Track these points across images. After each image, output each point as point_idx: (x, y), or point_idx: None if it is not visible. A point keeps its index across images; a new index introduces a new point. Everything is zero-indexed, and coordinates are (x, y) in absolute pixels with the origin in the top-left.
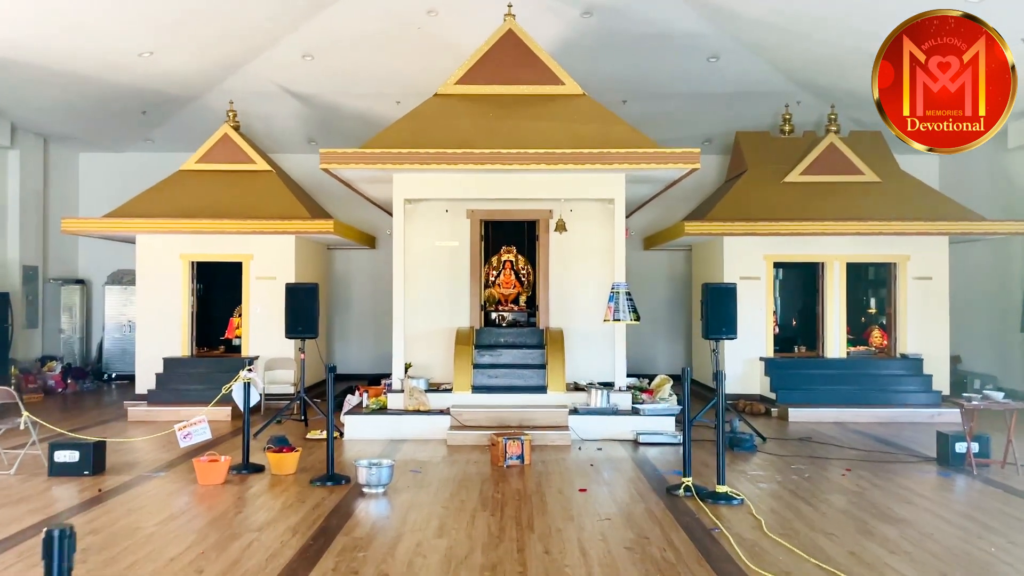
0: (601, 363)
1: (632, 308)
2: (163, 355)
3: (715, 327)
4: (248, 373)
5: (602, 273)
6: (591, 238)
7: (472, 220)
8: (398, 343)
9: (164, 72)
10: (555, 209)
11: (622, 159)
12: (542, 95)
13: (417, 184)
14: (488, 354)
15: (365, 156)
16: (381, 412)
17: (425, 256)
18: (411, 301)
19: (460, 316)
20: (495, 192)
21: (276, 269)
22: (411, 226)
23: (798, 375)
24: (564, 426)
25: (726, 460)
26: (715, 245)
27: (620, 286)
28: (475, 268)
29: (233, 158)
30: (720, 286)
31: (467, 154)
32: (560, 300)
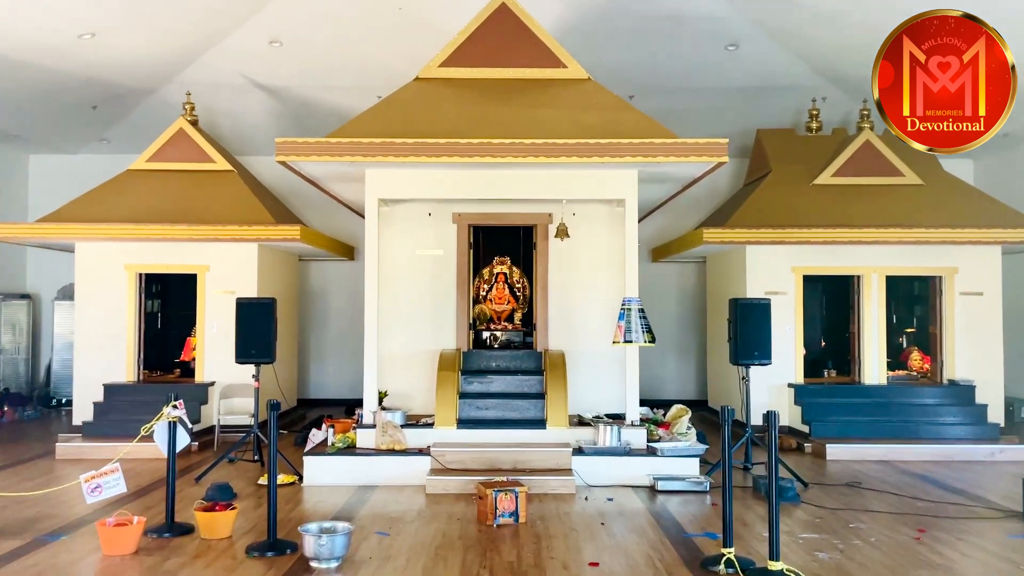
0: (609, 392)
1: (646, 328)
2: (104, 380)
3: (746, 350)
4: (174, 410)
5: (610, 287)
6: (597, 246)
7: (459, 225)
8: (370, 369)
9: (112, 59)
10: (555, 212)
11: (635, 151)
12: (540, 79)
13: (393, 181)
14: (477, 381)
15: (330, 147)
16: (349, 452)
17: (404, 267)
18: (387, 319)
19: (445, 336)
20: (485, 192)
21: (236, 282)
22: (388, 231)
23: (834, 404)
24: (567, 470)
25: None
26: (735, 256)
27: (632, 302)
28: (463, 281)
29: (189, 156)
30: (751, 302)
31: (452, 145)
32: (561, 318)
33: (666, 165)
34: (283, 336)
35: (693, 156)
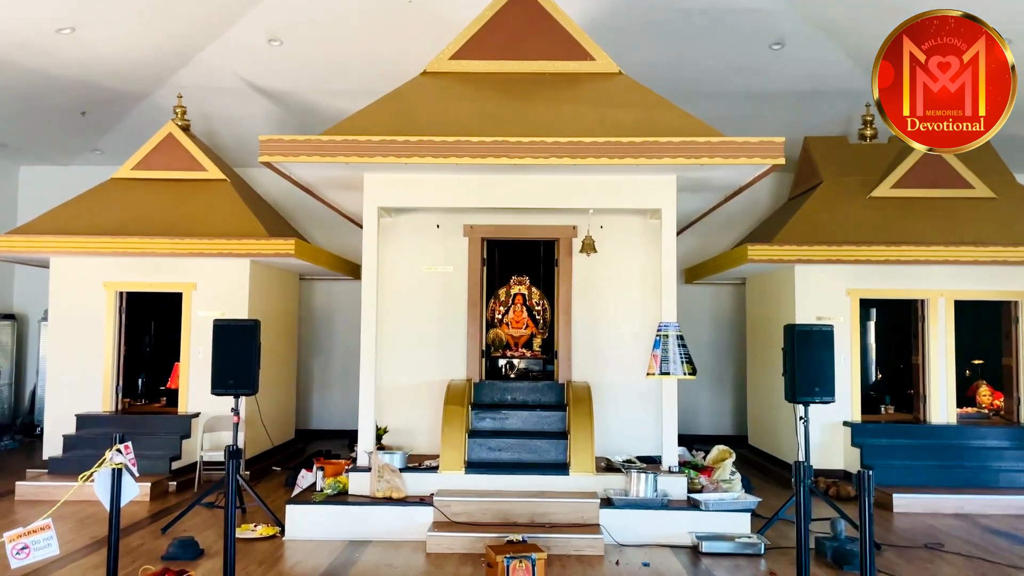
0: (641, 431)
1: (686, 357)
2: (77, 410)
3: (805, 386)
4: (118, 455)
5: (643, 310)
6: (628, 264)
7: (471, 239)
8: (366, 403)
9: (97, 57)
10: (580, 225)
11: (675, 151)
12: (564, 73)
13: (395, 187)
14: (490, 416)
15: (322, 146)
16: (339, 499)
17: (409, 286)
18: (389, 345)
19: (455, 365)
20: (501, 200)
21: (225, 302)
22: (390, 246)
23: (896, 447)
24: (594, 525)
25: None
26: (782, 277)
27: (669, 328)
28: (475, 302)
29: (178, 164)
30: (811, 329)
31: (462, 144)
32: (586, 345)
33: (711, 169)
34: (282, 362)
35: (744, 157)
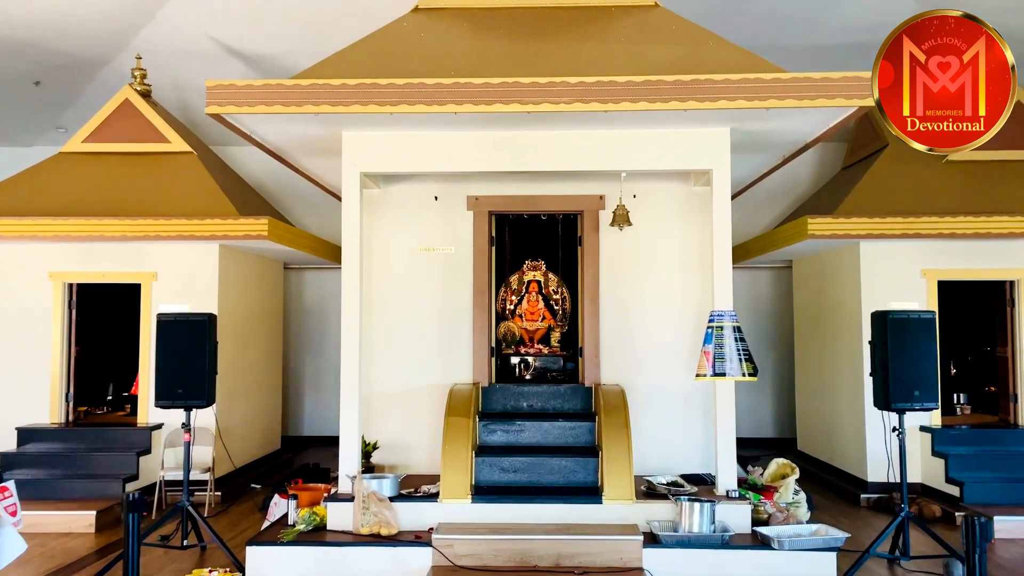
0: (685, 443)
1: (745, 354)
2: (18, 423)
3: (901, 389)
4: None
5: (686, 297)
6: (668, 240)
7: (476, 213)
8: (349, 415)
9: (45, 13)
10: (609, 194)
11: (733, 91)
12: (588, 6)
13: (381, 148)
14: (501, 428)
15: (285, 93)
16: (314, 537)
17: (402, 271)
18: (378, 343)
19: (459, 365)
20: (512, 162)
21: (191, 294)
22: (379, 223)
23: (989, 456)
24: (637, 569)
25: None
26: (842, 256)
27: (724, 317)
28: (482, 290)
29: (137, 135)
30: (908, 316)
31: (463, 88)
32: (617, 340)
33: (776, 116)
34: (264, 362)
35: (822, 98)
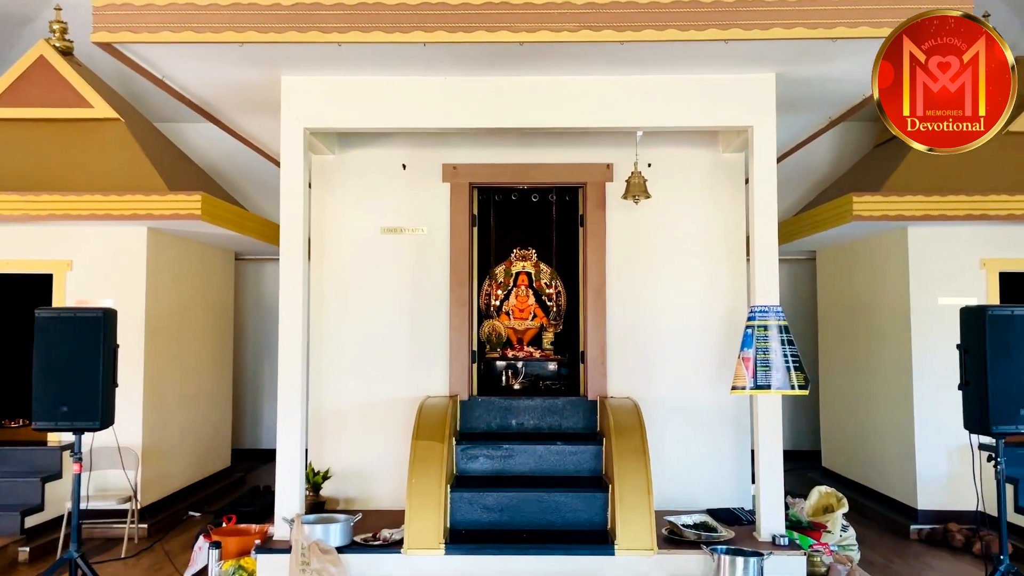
0: (712, 470)
1: (795, 362)
2: None
3: (1003, 407)
4: None
5: (711, 289)
6: (691, 218)
7: (454, 186)
8: (289, 437)
9: None
10: (619, 163)
11: (790, 16)
12: None
13: (331, 96)
14: (484, 453)
15: (199, 15)
16: None
17: (361, 256)
18: (331, 346)
19: (432, 374)
20: (499, 117)
21: (113, 286)
22: (332, 196)
23: None
24: None
25: None
26: (885, 244)
27: (768, 314)
28: (461, 280)
29: (53, 98)
30: (1012, 314)
31: (434, 8)
32: (627, 342)
33: (835, 55)
34: (208, 366)
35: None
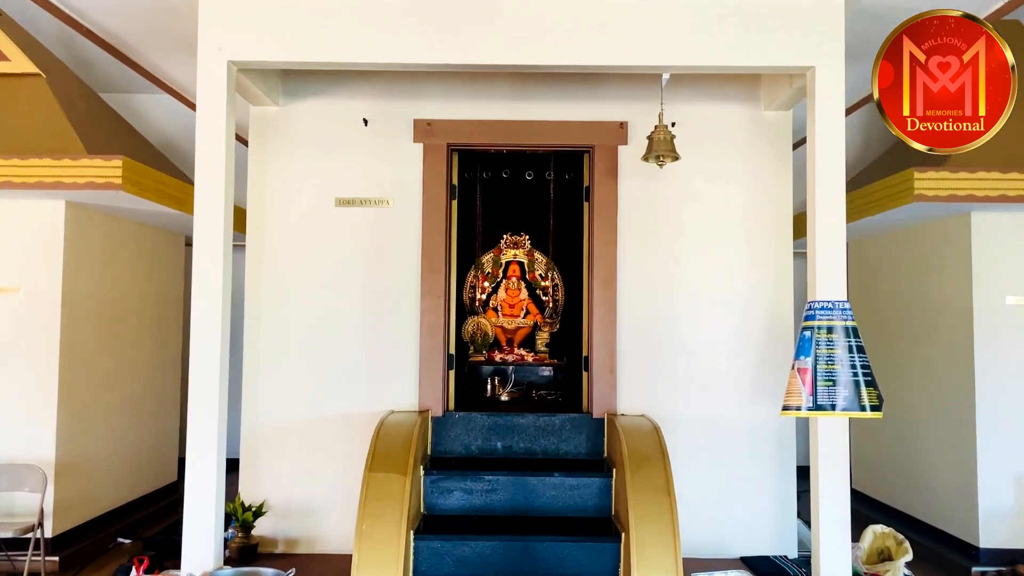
0: (750, 507)
1: (865, 375)
2: None
3: None
4: None
5: (756, 278)
6: (725, 191)
7: (428, 147)
8: (203, 466)
9: None
10: (635, 120)
11: None
12: None
13: (263, 21)
14: (460, 486)
15: None
16: None
17: (310, 234)
18: (269, 347)
19: (398, 383)
20: (485, 53)
21: (22, 273)
22: (273, 158)
23: None
24: None
25: None
26: (939, 234)
27: (832, 313)
28: (435, 267)
29: None
30: None
31: None
32: (642, 345)
33: None
34: (149, 366)
35: None
